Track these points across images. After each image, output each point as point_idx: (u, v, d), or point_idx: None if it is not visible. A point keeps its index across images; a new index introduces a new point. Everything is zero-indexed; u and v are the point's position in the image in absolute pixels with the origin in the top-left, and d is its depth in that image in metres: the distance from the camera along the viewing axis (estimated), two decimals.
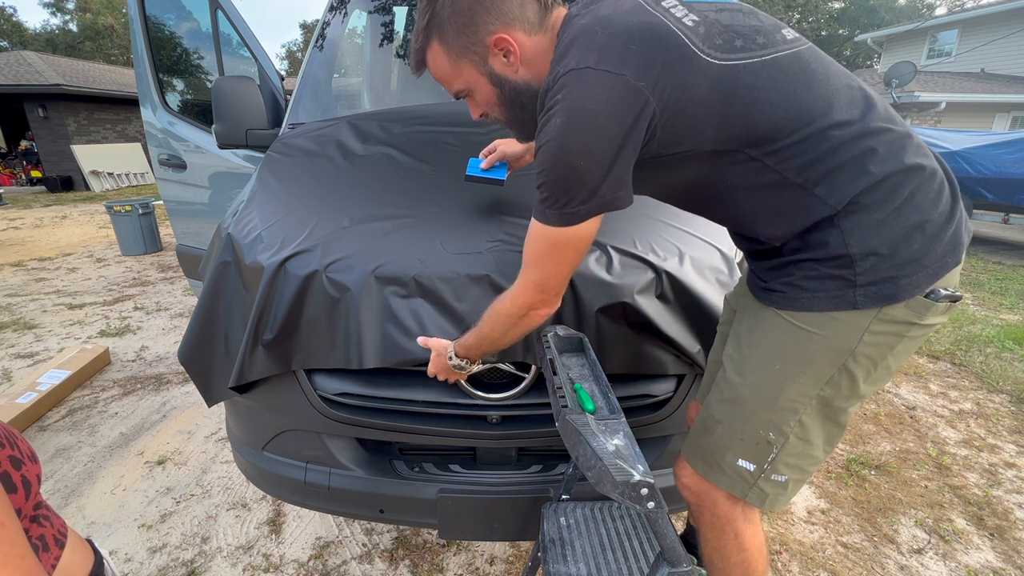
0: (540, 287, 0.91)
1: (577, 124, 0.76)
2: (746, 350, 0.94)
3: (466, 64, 0.91)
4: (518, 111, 0.96)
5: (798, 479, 0.94)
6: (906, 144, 0.81)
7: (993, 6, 14.67)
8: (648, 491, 0.67)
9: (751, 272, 0.99)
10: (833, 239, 0.81)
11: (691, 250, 1.24)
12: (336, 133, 1.85)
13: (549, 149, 0.79)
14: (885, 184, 0.79)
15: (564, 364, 1.03)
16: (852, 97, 0.81)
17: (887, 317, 0.82)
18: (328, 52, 2.49)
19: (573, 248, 0.87)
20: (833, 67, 0.84)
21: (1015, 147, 5.97)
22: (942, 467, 2.31)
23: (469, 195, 1.38)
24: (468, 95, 0.97)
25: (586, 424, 0.78)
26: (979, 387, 3.09)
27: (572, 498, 1.25)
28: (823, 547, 1.84)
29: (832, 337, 0.84)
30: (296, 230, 1.28)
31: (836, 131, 0.78)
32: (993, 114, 13.94)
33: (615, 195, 0.82)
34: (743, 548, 0.99)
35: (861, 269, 0.80)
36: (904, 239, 0.79)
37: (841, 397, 0.87)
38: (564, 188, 0.80)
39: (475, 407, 1.24)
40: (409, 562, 1.74)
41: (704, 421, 0.99)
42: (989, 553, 1.84)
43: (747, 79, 0.78)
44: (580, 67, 0.77)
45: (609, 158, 0.77)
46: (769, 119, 0.78)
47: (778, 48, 0.81)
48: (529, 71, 0.91)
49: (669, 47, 0.77)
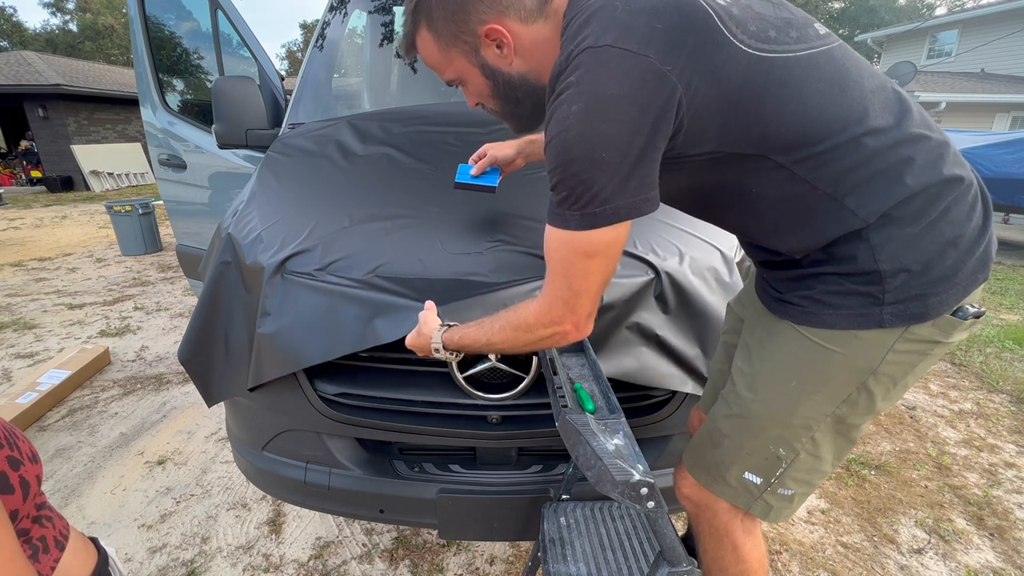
0: (569, 305, 0.79)
1: (597, 111, 0.67)
2: (757, 364, 0.88)
3: (456, 54, 0.84)
4: (513, 105, 0.89)
5: (804, 492, 0.91)
6: (944, 153, 0.75)
7: (993, 6, 14.68)
8: (648, 490, 0.67)
9: (762, 280, 0.92)
10: (862, 253, 0.75)
11: (691, 250, 1.24)
12: (336, 133, 1.85)
13: (564, 140, 0.69)
14: (921, 196, 0.73)
15: (564, 364, 1.03)
16: (887, 100, 0.75)
17: (912, 336, 0.77)
18: (328, 52, 2.49)
19: (603, 257, 0.76)
20: (866, 67, 0.77)
21: (1015, 147, 5.99)
22: (942, 467, 2.31)
23: (469, 195, 1.37)
24: (461, 84, 0.90)
25: (586, 424, 0.78)
26: (979, 387, 3.09)
27: (572, 498, 1.25)
28: (823, 547, 1.84)
29: (853, 356, 0.79)
30: (296, 230, 1.28)
31: (871, 138, 0.72)
32: (993, 114, 13.94)
33: (645, 196, 0.72)
34: (741, 560, 0.97)
35: (891, 287, 0.74)
36: (938, 255, 0.73)
37: (857, 415, 0.83)
38: (585, 185, 0.70)
39: (475, 407, 1.24)
40: (409, 562, 1.74)
41: (709, 434, 0.95)
42: (989, 553, 1.84)
43: (780, 75, 0.70)
44: (598, 45, 0.68)
45: (635, 150, 0.68)
46: (801, 122, 0.71)
47: (812, 44, 0.74)
48: (526, 63, 0.83)
49: (699, 28, 0.68)
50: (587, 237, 0.73)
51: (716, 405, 0.95)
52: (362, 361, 1.27)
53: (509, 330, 0.87)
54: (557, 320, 0.81)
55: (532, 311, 0.84)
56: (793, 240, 0.81)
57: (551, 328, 0.82)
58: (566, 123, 0.69)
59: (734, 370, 0.93)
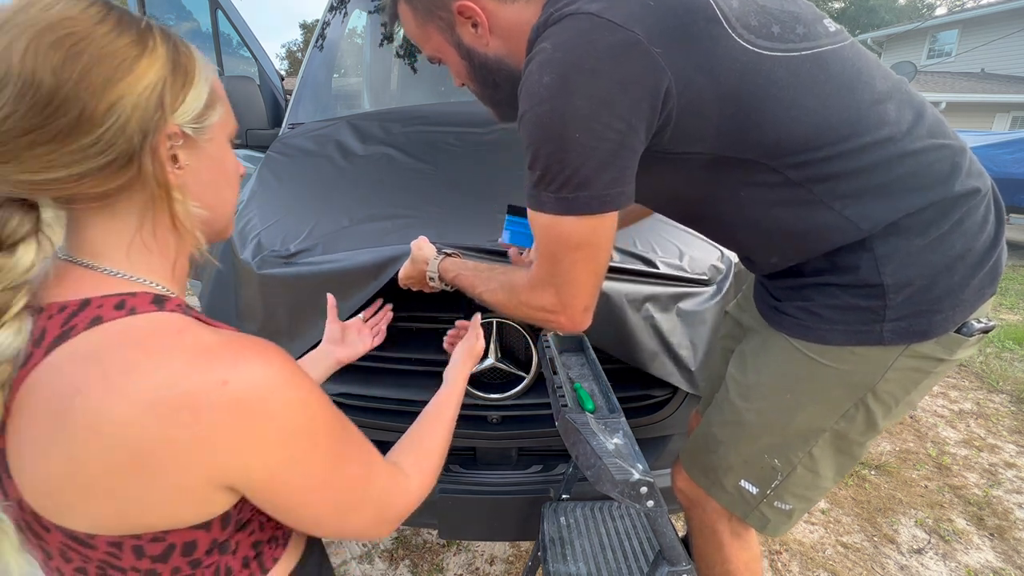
0: (559, 295, 0.73)
1: (573, 85, 0.60)
2: (751, 375, 0.85)
3: (433, 30, 0.79)
4: (491, 90, 0.83)
5: (803, 508, 0.87)
6: (959, 163, 0.69)
7: (993, 6, 14.70)
8: (647, 490, 0.67)
9: (760, 285, 0.88)
10: (865, 265, 0.70)
11: (691, 250, 1.24)
12: (336, 133, 1.85)
13: (537, 115, 0.63)
14: (931, 209, 0.68)
15: (564, 363, 1.03)
16: (900, 105, 0.69)
17: (914, 353, 0.72)
18: (328, 52, 2.49)
19: (589, 248, 0.69)
20: (878, 68, 0.72)
21: (1015, 147, 5.99)
22: (942, 467, 2.31)
23: (469, 195, 1.38)
24: (441, 62, 0.85)
25: (586, 423, 0.78)
26: (979, 387, 3.09)
27: (572, 497, 1.25)
28: (823, 547, 1.84)
29: (850, 372, 0.75)
30: (296, 230, 1.28)
31: (879, 147, 0.67)
32: (993, 114, 13.96)
33: (622, 189, 0.66)
34: (726, 560, 0.95)
35: (893, 302, 0.69)
36: (945, 270, 0.68)
37: (857, 431, 0.79)
38: (560, 165, 0.64)
39: (475, 407, 1.24)
40: (409, 562, 1.74)
41: (705, 438, 0.93)
42: (989, 553, 1.84)
43: (783, 76, 0.65)
44: (578, 12, 0.62)
45: (613, 135, 0.62)
46: (803, 128, 0.66)
47: (819, 42, 0.68)
48: (504, 45, 0.77)
49: (697, 18, 0.62)
50: (568, 226, 0.67)
51: (711, 410, 0.93)
52: (362, 361, 1.27)
53: (501, 290, 0.82)
54: (549, 308, 0.75)
55: (524, 277, 0.79)
56: (785, 252, 0.77)
57: (543, 313, 0.77)
58: (539, 95, 0.63)
59: (728, 378, 0.90)
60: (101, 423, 0.38)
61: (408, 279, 1.00)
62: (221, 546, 0.46)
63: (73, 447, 0.38)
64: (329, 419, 0.48)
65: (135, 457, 0.39)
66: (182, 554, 0.44)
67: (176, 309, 0.44)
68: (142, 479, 0.39)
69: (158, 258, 0.47)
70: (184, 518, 0.43)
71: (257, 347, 0.44)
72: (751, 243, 0.81)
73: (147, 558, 0.43)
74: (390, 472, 0.55)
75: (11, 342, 0.39)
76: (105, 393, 0.38)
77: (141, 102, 0.41)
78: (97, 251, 0.44)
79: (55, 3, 0.39)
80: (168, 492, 0.41)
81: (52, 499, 0.40)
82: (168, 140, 0.44)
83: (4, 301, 0.39)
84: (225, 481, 0.42)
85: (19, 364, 0.39)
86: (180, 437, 0.39)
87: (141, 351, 0.40)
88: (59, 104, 0.38)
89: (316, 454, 0.46)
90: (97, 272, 0.44)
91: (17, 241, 0.40)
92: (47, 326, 0.41)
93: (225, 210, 0.54)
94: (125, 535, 0.41)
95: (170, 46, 0.44)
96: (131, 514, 0.41)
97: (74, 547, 0.42)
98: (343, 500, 0.49)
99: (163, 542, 0.42)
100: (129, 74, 0.41)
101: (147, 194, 0.44)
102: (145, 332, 0.41)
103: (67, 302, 0.41)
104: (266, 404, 0.42)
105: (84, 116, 0.39)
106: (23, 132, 0.38)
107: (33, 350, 0.40)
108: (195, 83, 0.46)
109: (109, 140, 0.40)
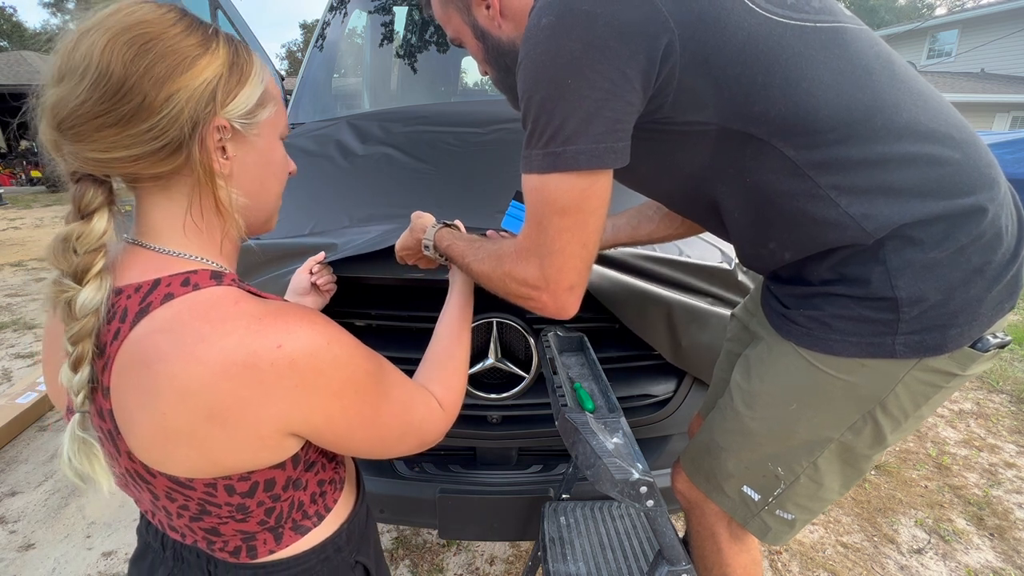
0: (542, 267, 0.69)
1: (568, 26, 0.59)
2: (756, 382, 0.83)
3: (453, 11, 0.81)
4: (504, 73, 0.82)
5: (806, 518, 0.86)
6: (980, 167, 0.66)
7: (993, 6, 14.71)
8: (647, 489, 0.67)
9: (768, 291, 0.85)
10: (876, 277, 0.67)
11: (692, 250, 1.24)
12: (336, 133, 1.85)
13: (532, 60, 0.62)
14: (947, 219, 0.64)
15: (564, 363, 1.03)
16: (921, 95, 0.66)
17: (926, 368, 0.69)
18: (328, 52, 2.49)
19: (579, 214, 0.65)
20: (897, 57, 0.68)
21: (1015, 147, 5.98)
22: (942, 467, 2.31)
23: (469, 195, 1.37)
24: (461, 44, 0.85)
25: (585, 423, 0.78)
26: (979, 387, 3.09)
27: (572, 497, 1.25)
28: (823, 547, 1.84)
29: (859, 385, 0.72)
30: (296, 229, 1.28)
31: (893, 138, 0.63)
32: (993, 114, 13.95)
33: (612, 145, 0.63)
34: (724, 563, 0.94)
35: (906, 316, 0.66)
36: (962, 284, 0.65)
37: (864, 444, 0.77)
38: (548, 115, 0.62)
39: (475, 407, 1.24)
40: (409, 562, 1.74)
41: (707, 443, 0.91)
42: (989, 553, 1.84)
43: (794, 44, 0.62)
44: None
45: (605, 83, 0.59)
46: (814, 103, 0.62)
47: (836, 18, 0.65)
48: (515, 28, 0.76)
49: None
50: (556, 185, 0.64)
51: (713, 414, 0.92)
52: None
53: (488, 259, 0.78)
54: (532, 282, 0.70)
55: (510, 244, 0.75)
56: (789, 245, 0.74)
57: (525, 288, 0.72)
58: (535, 38, 0.62)
59: (732, 383, 0.88)
60: (182, 385, 0.44)
61: (404, 249, 0.97)
62: (295, 483, 0.55)
63: (161, 406, 0.45)
64: (370, 369, 0.55)
65: (214, 413, 0.45)
66: (264, 490, 0.52)
67: (231, 283, 0.51)
68: (224, 431, 0.46)
69: (207, 237, 0.53)
70: (264, 460, 0.50)
71: (303, 314, 0.51)
72: (748, 234, 0.79)
73: (237, 495, 0.50)
74: (426, 401, 0.63)
75: (94, 296, 0.45)
76: (183, 360, 0.44)
77: (195, 95, 0.47)
78: (158, 232, 0.51)
79: (138, 8, 0.46)
80: (246, 440, 0.47)
81: (152, 451, 0.47)
82: (217, 132, 0.49)
83: (87, 262, 0.46)
84: (290, 429, 0.49)
85: (111, 339, 0.46)
86: (248, 395, 0.46)
87: (207, 322, 0.46)
88: (125, 92, 0.44)
89: (362, 399, 0.53)
90: (161, 254, 0.50)
91: (93, 211, 0.47)
92: (128, 305, 0.47)
93: (267, 200, 0.59)
94: (218, 477, 0.49)
95: (231, 49, 0.51)
96: (219, 460, 0.48)
97: (177, 489, 0.49)
98: (389, 433, 0.58)
99: (248, 480, 0.50)
100: (189, 70, 0.46)
101: (195, 178, 0.50)
102: (208, 304, 0.48)
103: (141, 283, 0.48)
104: (316, 361, 0.49)
105: (145, 104, 0.45)
106: (95, 116, 0.44)
107: (120, 326, 0.46)
108: (249, 83, 0.51)
109: (163, 127, 0.46)
